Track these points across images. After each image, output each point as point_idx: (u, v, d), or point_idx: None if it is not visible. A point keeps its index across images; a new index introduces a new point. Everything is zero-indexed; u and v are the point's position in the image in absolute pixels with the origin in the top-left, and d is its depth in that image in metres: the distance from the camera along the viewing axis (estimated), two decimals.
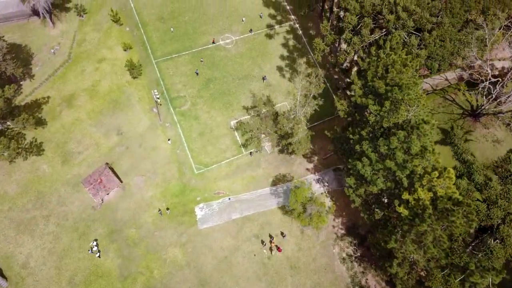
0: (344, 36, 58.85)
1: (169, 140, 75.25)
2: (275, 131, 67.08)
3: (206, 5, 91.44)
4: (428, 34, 54.77)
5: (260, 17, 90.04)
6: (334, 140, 62.72)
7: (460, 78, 78.99)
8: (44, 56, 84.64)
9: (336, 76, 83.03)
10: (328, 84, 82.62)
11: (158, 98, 71.84)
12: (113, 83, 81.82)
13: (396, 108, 46.86)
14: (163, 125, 77.56)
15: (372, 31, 57.53)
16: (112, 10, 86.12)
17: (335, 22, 63.48)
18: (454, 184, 44.19)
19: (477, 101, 73.06)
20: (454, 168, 60.84)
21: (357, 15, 56.43)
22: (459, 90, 74.50)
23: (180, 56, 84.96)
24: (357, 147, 52.12)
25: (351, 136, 55.10)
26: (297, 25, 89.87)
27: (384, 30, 56.86)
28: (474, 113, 74.24)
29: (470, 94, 75.98)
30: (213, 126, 77.56)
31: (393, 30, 54.93)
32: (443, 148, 72.21)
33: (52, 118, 77.76)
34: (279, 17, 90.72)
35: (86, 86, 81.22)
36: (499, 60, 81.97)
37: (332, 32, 61.03)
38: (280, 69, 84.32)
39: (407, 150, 47.31)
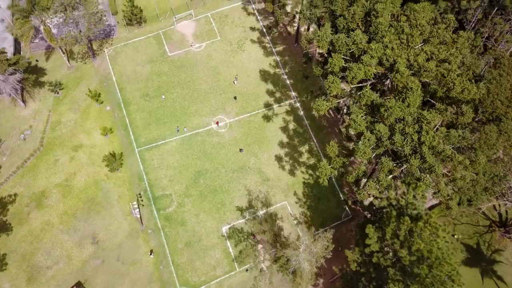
0: (356, 172, 49.40)
1: (151, 253, 65.42)
2: (274, 260, 57.27)
3: (196, 79, 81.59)
4: (460, 175, 45.35)
5: (236, 78, 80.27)
6: (342, 278, 52.96)
7: None
8: (13, 143, 75.04)
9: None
10: (334, 179, 72.83)
11: (139, 208, 62.22)
12: (89, 177, 72.09)
13: None
14: (145, 231, 67.80)
15: (390, 171, 48.01)
16: (90, 91, 76.37)
17: (344, 131, 53.95)
18: None
19: (506, 213, 63.33)
20: None
21: (371, 147, 46.87)
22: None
23: (167, 144, 75.18)
24: None
25: None
26: (298, 104, 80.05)
27: (404, 166, 47.36)
28: (504, 227, 64.27)
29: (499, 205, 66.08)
30: (202, 233, 67.71)
31: (417, 172, 45.48)
32: (468, 270, 62.24)
33: (19, 222, 68.15)
34: (278, 94, 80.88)
35: (59, 180, 71.55)
36: None
37: (343, 155, 51.41)
38: (279, 159, 74.48)
39: None
